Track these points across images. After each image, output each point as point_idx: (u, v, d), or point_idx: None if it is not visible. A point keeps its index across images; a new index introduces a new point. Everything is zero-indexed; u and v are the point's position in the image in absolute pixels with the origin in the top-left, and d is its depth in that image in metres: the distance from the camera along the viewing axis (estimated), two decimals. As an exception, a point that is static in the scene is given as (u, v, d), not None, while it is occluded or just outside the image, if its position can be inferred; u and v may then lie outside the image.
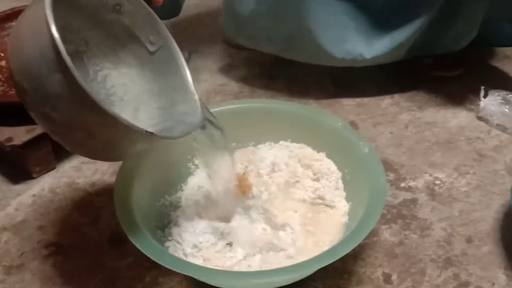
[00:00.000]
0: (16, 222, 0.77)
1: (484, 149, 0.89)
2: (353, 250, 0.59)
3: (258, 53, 1.05)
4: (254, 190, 0.72)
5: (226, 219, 0.70)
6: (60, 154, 0.86)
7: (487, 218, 0.76)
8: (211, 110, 0.78)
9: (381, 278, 0.68)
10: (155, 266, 0.62)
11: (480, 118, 0.95)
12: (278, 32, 0.96)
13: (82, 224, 0.77)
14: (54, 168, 0.85)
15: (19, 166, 0.84)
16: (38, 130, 0.80)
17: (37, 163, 0.83)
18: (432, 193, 0.80)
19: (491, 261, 0.70)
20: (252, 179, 0.73)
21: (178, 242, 0.68)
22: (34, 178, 0.84)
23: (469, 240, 0.73)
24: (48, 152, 0.83)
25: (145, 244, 0.61)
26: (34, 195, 0.81)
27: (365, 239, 0.60)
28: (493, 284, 0.68)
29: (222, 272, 0.62)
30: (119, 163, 0.70)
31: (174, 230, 0.70)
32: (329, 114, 0.82)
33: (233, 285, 0.63)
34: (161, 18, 0.67)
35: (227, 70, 1.09)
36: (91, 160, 0.87)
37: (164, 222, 0.71)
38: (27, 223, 0.77)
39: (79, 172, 0.85)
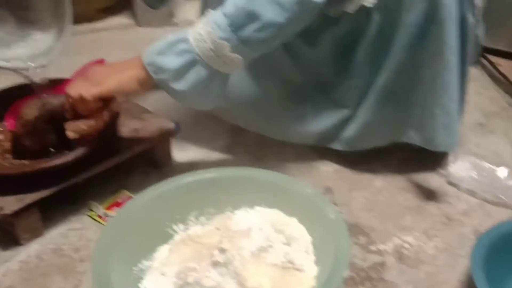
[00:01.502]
0: (4, 287, 0.81)
1: (453, 213, 0.93)
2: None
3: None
4: (228, 254, 0.76)
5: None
6: (48, 222, 0.90)
7: (452, 281, 0.79)
8: (192, 178, 0.84)
9: None
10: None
11: (450, 183, 1.00)
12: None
13: (64, 289, 0.80)
14: (42, 235, 0.90)
15: (8, 233, 0.88)
16: (27, 199, 0.85)
17: (26, 230, 0.88)
18: (400, 256, 0.84)
19: (453, 324, 0.73)
20: (227, 244, 0.77)
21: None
22: (22, 244, 0.88)
23: (434, 302, 0.76)
24: (36, 220, 0.88)
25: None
26: (21, 261, 0.85)
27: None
28: None
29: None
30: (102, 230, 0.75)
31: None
32: (301, 181, 0.87)
33: None
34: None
35: (212, 139, 1.15)
36: (78, 228, 0.91)
37: (139, 286, 0.75)
38: (12, 289, 0.81)
39: (65, 239, 0.90)
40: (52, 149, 0.92)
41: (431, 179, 1.01)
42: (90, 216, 0.94)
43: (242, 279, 0.74)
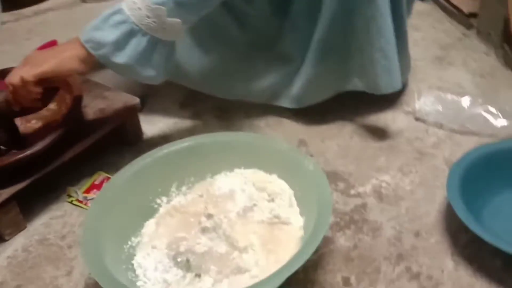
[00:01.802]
0: (-6, 285, 0.81)
1: (424, 147, 0.96)
2: (312, 259, 0.65)
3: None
4: (215, 219, 0.77)
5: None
6: (28, 214, 0.90)
7: (432, 212, 0.83)
8: (167, 150, 0.84)
9: (340, 282, 0.74)
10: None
11: (417, 119, 1.02)
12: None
13: (58, 277, 0.80)
14: (25, 227, 0.89)
15: (-10, 231, 0.87)
16: (3, 194, 0.83)
17: (7, 225, 0.87)
18: (379, 196, 0.87)
19: (439, 250, 0.77)
20: (212, 209, 0.79)
21: (147, 281, 0.73)
22: (6, 240, 0.87)
23: (417, 234, 0.79)
24: (16, 214, 0.87)
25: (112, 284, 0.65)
26: (8, 257, 0.84)
27: (318, 248, 0.66)
28: (442, 271, 0.74)
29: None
30: (86, 214, 0.75)
31: (140, 270, 0.75)
32: (275, 138, 0.89)
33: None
34: None
35: (179, 108, 1.15)
36: (59, 215, 0.91)
37: (132, 263, 0.76)
38: (5, 285, 0.80)
39: (49, 228, 0.89)
40: (2, 147, 0.90)
41: (399, 118, 1.04)
42: (70, 202, 0.93)
43: (233, 240, 0.75)
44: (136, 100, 1.03)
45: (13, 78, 0.83)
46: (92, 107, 1.02)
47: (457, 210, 0.74)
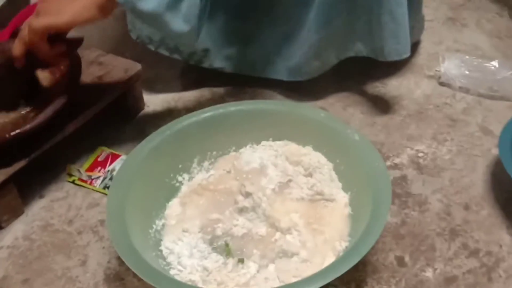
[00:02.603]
0: (-4, 281, 0.70)
1: (454, 113, 0.90)
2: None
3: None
4: (254, 197, 0.69)
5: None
6: (26, 197, 0.79)
7: (477, 182, 0.77)
8: (187, 121, 0.75)
9: (394, 262, 0.68)
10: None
11: (442, 84, 0.96)
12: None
13: (70, 268, 0.71)
14: (23, 212, 0.78)
15: (-16, 218, 0.76)
16: (1, 176, 0.72)
17: (4, 211, 0.76)
18: (418, 167, 0.81)
19: (492, 224, 0.71)
20: (251, 187, 0.70)
21: (183, 269, 0.64)
22: (3, 227, 0.76)
23: (466, 207, 0.74)
24: (15, 197, 0.76)
25: (158, 279, 0.57)
26: (8, 247, 0.74)
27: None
28: (501, 246, 0.69)
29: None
30: (93, 195, 0.65)
31: (172, 257, 0.66)
32: (308, 106, 0.81)
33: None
34: None
35: (181, 75, 1.04)
36: (61, 197, 0.81)
37: (161, 249, 0.67)
38: (9, 280, 0.70)
39: (52, 212, 0.79)
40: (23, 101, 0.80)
41: (422, 83, 0.97)
42: (72, 182, 0.82)
43: (274, 220, 0.68)
44: (138, 66, 0.92)
45: (24, 30, 0.72)
46: (88, 75, 0.90)
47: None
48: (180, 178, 0.75)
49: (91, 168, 0.84)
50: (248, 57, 0.97)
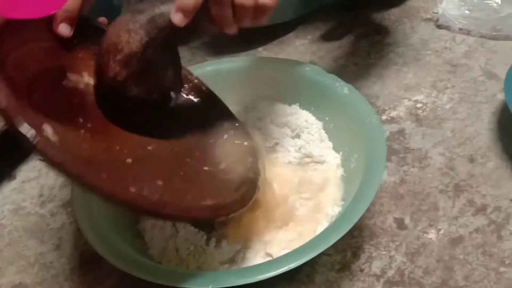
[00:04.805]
0: (-34, 272, 0.65)
1: (455, 58, 0.83)
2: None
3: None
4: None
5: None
6: (-6, 178, 0.73)
7: (482, 132, 0.71)
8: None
9: (394, 225, 0.62)
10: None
11: (440, 27, 0.88)
12: None
13: (44, 253, 0.65)
14: (-8, 196, 0.73)
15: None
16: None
17: (-30, 196, 0.70)
18: (417, 119, 0.74)
19: (500, 177, 0.65)
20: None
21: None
22: (-30, 214, 0.71)
23: (471, 160, 0.68)
24: (-19, 180, 0.71)
25: (128, 263, 0.51)
26: (-23, 235, 0.69)
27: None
28: (510, 200, 0.62)
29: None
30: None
31: (151, 235, 0.60)
32: (293, 60, 0.73)
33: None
34: None
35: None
36: (33, 177, 0.75)
37: (138, 228, 0.62)
38: (-22, 270, 0.65)
39: (23, 194, 0.73)
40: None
41: (418, 27, 0.89)
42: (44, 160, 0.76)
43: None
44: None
45: None
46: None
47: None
48: (156, 148, 0.69)
49: (64, 144, 0.78)
50: None
